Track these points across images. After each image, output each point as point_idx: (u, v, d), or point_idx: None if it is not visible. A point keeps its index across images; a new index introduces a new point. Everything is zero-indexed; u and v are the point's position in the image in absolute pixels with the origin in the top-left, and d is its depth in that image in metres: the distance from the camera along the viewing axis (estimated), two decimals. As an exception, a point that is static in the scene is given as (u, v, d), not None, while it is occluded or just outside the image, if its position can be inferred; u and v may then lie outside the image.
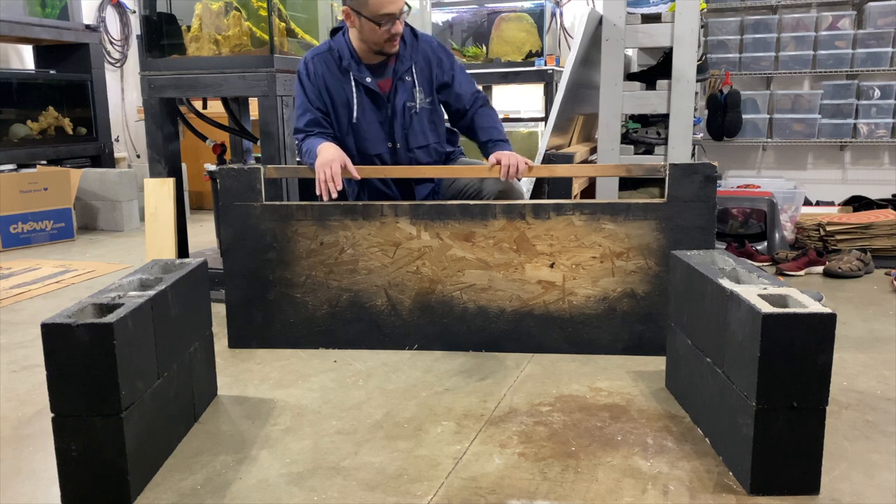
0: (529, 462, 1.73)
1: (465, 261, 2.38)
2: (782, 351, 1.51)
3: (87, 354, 1.49)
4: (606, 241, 2.33)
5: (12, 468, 1.74)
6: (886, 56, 4.77)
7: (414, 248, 2.39)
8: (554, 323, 2.38)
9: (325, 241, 2.41)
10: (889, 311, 2.95)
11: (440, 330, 2.41)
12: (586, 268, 2.35)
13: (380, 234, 2.39)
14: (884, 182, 5.01)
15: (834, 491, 1.59)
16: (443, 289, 2.40)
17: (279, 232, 2.41)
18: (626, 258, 2.33)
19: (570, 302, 2.36)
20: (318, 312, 2.43)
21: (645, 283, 2.34)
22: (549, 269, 2.36)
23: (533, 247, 2.35)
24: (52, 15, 5.62)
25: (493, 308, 2.39)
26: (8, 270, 3.85)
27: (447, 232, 2.37)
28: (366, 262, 2.40)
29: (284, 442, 1.85)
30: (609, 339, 2.37)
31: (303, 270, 2.42)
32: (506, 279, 2.38)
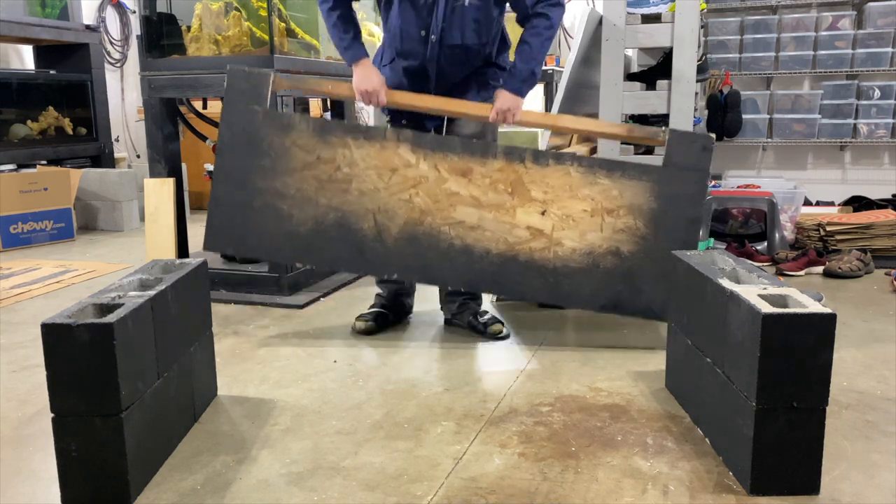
0: (529, 462, 1.73)
1: (458, 196, 2.34)
2: (782, 351, 1.51)
3: (87, 354, 1.49)
4: (599, 196, 2.33)
5: (12, 468, 1.75)
6: (886, 56, 4.77)
7: (410, 176, 2.34)
8: (537, 271, 2.36)
9: (322, 155, 2.35)
10: (889, 311, 2.95)
11: (423, 263, 2.37)
12: (576, 220, 2.34)
13: (378, 157, 2.33)
14: (884, 182, 5.01)
15: (834, 491, 1.59)
16: (432, 221, 2.35)
17: (277, 140, 2.34)
18: (616, 216, 2.33)
19: (555, 252, 2.35)
20: (302, 228, 2.36)
21: (631, 243, 2.33)
22: (539, 217, 2.34)
23: (528, 192, 2.34)
24: (52, 15, 5.62)
25: (479, 248, 2.35)
26: (8, 270, 3.85)
27: (446, 165, 2.33)
28: (359, 183, 2.34)
29: (284, 442, 1.85)
30: (588, 294, 2.37)
31: (294, 183, 2.35)
32: (496, 221, 2.35)
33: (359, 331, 2.66)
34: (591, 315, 2.92)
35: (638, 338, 2.64)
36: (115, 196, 5.11)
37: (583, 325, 2.81)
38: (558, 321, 2.85)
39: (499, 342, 2.60)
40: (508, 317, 2.92)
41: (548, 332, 2.72)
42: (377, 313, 2.72)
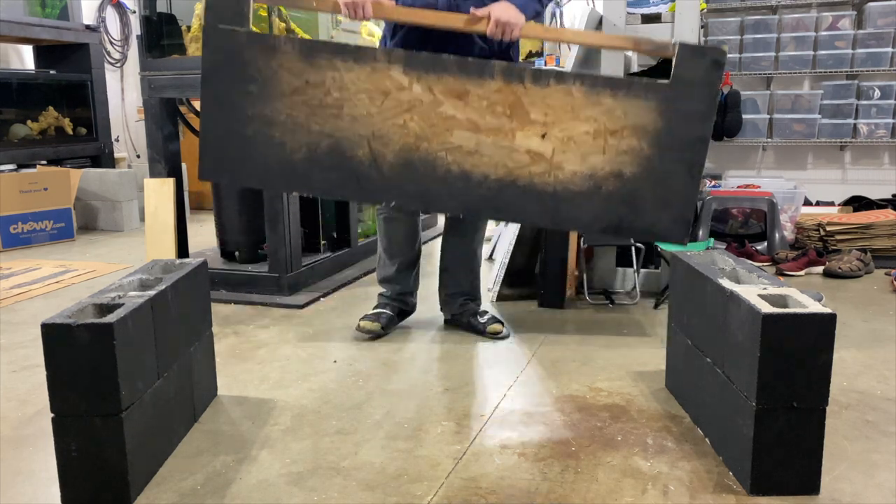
0: (529, 462, 1.73)
1: (454, 120, 2.24)
2: (782, 351, 1.51)
3: (87, 354, 1.49)
4: (603, 116, 2.22)
5: (12, 468, 1.75)
6: (886, 56, 4.77)
7: (403, 99, 2.23)
8: (536, 196, 2.27)
9: (310, 79, 2.23)
10: (889, 311, 2.95)
11: (421, 190, 2.28)
12: (578, 142, 2.23)
13: (369, 81, 2.23)
14: (884, 182, 5.00)
15: (834, 491, 1.59)
16: (428, 147, 2.25)
17: (263, 64, 2.23)
18: (620, 137, 2.22)
19: (556, 176, 2.26)
20: (296, 155, 2.27)
21: (634, 166, 2.23)
22: (539, 140, 2.24)
23: (527, 114, 2.23)
24: (52, 15, 5.62)
25: (477, 173, 2.26)
26: (8, 270, 3.85)
27: (440, 87, 2.21)
28: (351, 108, 2.24)
29: (284, 442, 1.85)
30: (589, 218, 2.28)
31: (283, 109, 2.25)
32: (494, 145, 2.26)
33: (364, 331, 2.63)
34: (591, 315, 2.93)
35: (638, 338, 2.64)
36: (115, 196, 5.11)
37: (583, 325, 2.81)
38: (558, 321, 2.85)
39: (499, 342, 2.60)
40: (508, 317, 2.92)
41: (548, 332, 2.72)
42: (382, 314, 2.69)
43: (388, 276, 2.75)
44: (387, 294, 2.76)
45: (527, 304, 3.08)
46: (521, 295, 3.23)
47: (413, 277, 2.78)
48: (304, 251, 3.44)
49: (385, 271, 2.76)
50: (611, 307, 3.04)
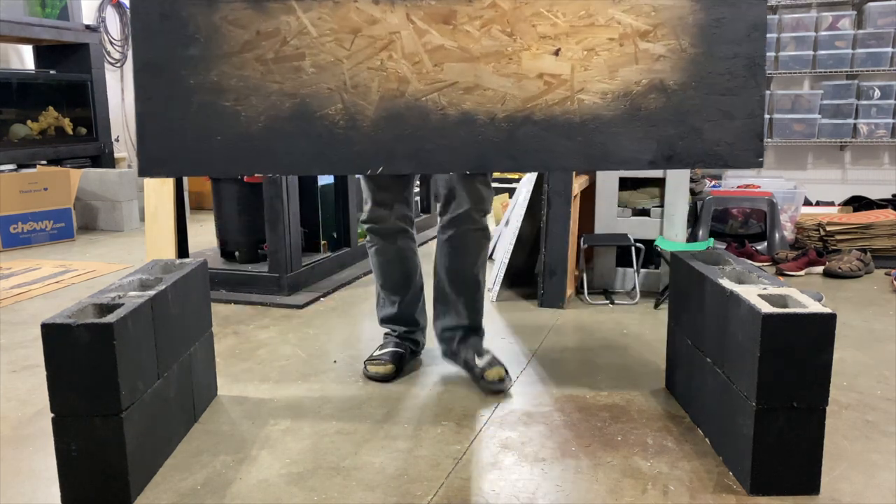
0: (529, 462, 1.73)
1: (443, 51, 1.87)
2: (782, 351, 1.51)
3: (87, 354, 1.49)
4: (627, 16, 1.85)
5: (12, 468, 1.75)
6: (886, 56, 4.77)
7: (378, 35, 1.88)
8: (560, 130, 1.87)
9: (262, 29, 1.90)
10: (889, 311, 2.95)
11: (413, 146, 1.89)
12: (601, 54, 1.86)
13: (333, 19, 1.89)
14: (884, 182, 5.01)
15: (834, 491, 1.59)
16: (415, 90, 1.88)
17: (203, 20, 1.90)
18: (654, 38, 1.84)
19: (580, 101, 1.87)
20: (254, 126, 1.91)
21: (678, 72, 1.84)
22: (553, 59, 1.87)
23: (532, 28, 1.87)
24: (52, 15, 5.62)
25: (482, 114, 1.88)
26: (8, 270, 3.85)
27: (421, 12, 1.87)
28: (315, 56, 1.90)
29: (284, 442, 1.85)
30: (633, 149, 1.87)
31: (233, 71, 1.91)
32: (497, 74, 1.88)
33: (375, 378, 2.24)
34: (590, 315, 2.93)
35: (638, 338, 2.64)
36: (115, 196, 5.11)
37: (583, 325, 2.81)
38: (558, 321, 2.85)
39: (499, 343, 2.60)
40: (508, 317, 2.92)
41: (548, 332, 2.72)
42: (392, 353, 2.29)
43: (389, 315, 2.37)
44: (392, 333, 2.39)
45: (527, 304, 3.08)
46: (521, 295, 3.23)
47: (418, 313, 2.39)
48: (304, 251, 3.45)
49: (386, 311, 2.37)
50: (611, 307, 3.04)
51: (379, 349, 2.32)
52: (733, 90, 1.81)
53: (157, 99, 1.91)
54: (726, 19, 1.83)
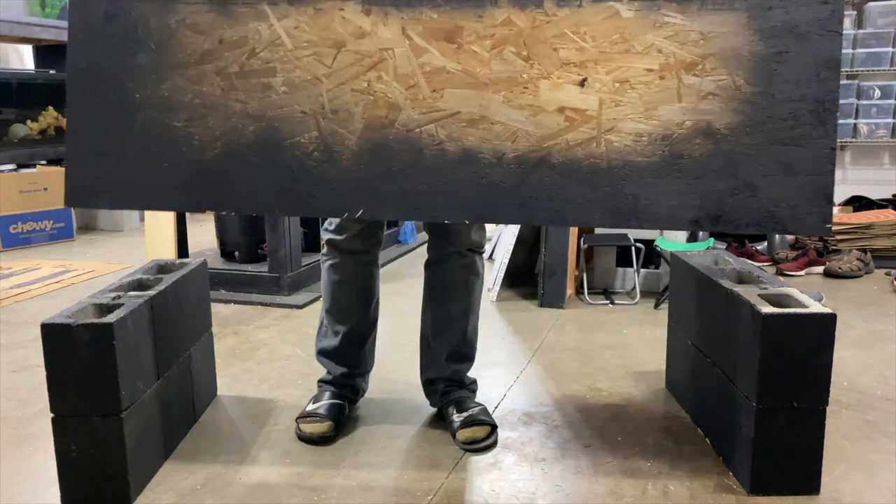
0: (529, 462, 1.73)
1: (445, 74, 1.55)
2: (782, 351, 1.51)
3: (87, 354, 1.49)
4: (670, 43, 1.51)
5: (12, 468, 1.74)
6: (886, 56, 4.77)
7: (366, 51, 1.56)
8: (582, 177, 1.54)
9: (226, 37, 1.58)
10: (889, 311, 2.95)
11: (401, 187, 1.56)
12: (637, 87, 1.53)
13: (313, 29, 1.57)
14: (884, 182, 5.00)
15: (834, 491, 1.59)
16: (408, 119, 1.56)
17: (156, 22, 1.59)
18: (702, 71, 1.52)
19: (609, 143, 1.53)
20: (209, 153, 1.59)
21: (730, 114, 1.51)
22: (577, 90, 1.54)
23: (553, 51, 1.54)
24: (52, 15, 5.62)
25: (487, 152, 1.56)
26: (8, 270, 3.85)
27: (419, 27, 1.54)
28: (288, 72, 1.58)
29: (284, 442, 1.85)
30: (671, 205, 1.53)
31: (189, 84, 1.59)
32: (508, 105, 1.55)
33: (308, 437, 1.85)
34: (590, 315, 2.93)
35: (638, 338, 2.64)
36: (115, 196, 5.10)
37: (583, 325, 2.81)
38: (558, 321, 2.85)
39: (499, 343, 2.60)
40: (508, 317, 2.92)
41: (548, 332, 2.72)
42: (327, 406, 1.90)
43: (329, 348, 1.97)
44: (327, 378, 1.99)
45: (527, 304, 3.08)
46: (521, 295, 3.23)
47: (365, 352, 2.00)
48: (304, 251, 3.44)
49: (326, 342, 1.98)
50: (611, 307, 3.04)
51: (313, 402, 1.93)
52: (797, 140, 1.49)
53: (92, 113, 1.63)
54: (791, 53, 1.50)
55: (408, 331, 2.24)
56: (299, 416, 1.90)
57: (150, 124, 1.61)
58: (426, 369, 2.00)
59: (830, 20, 1.48)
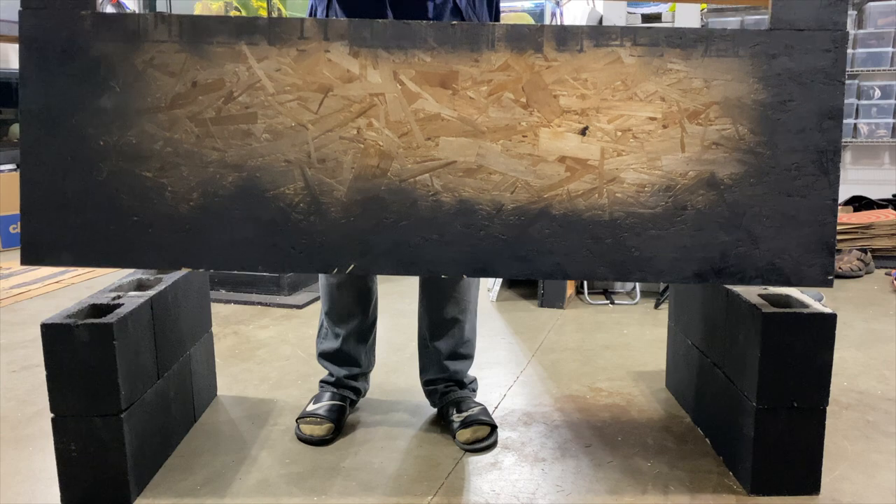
0: (529, 462, 1.73)
1: (439, 121, 1.49)
2: (782, 351, 1.50)
3: (87, 354, 1.48)
4: (673, 91, 1.49)
5: (12, 468, 1.74)
6: (886, 56, 4.77)
7: (355, 96, 1.48)
8: (584, 229, 1.51)
9: (200, 79, 1.47)
10: (889, 311, 2.95)
11: (395, 240, 1.50)
12: (640, 136, 1.50)
13: (297, 72, 1.47)
14: (884, 182, 5.00)
15: (834, 491, 1.59)
16: (401, 169, 1.49)
17: (122, 62, 1.45)
18: (706, 121, 1.50)
19: (611, 194, 1.51)
20: (183, 206, 1.49)
21: (734, 164, 1.49)
22: (578, 138, 1.51)
23: (553, 98, 1.49)
24: (52, 15, 5.61)
25: (485, 204, 1.50)
26: (8, 270, 3.85)
27: (412, 71, 1.48)
28: (270, 118, 1.47)
29: (284, 442, 1.85)
30: (674, 257, 1.51)
31: (159, 131, 1.47)
32: (507, 154, 1.50)
33: (308, 439, 1.85)
34: (590, 315, 2.93)
35: (638, 338, 2.64)
36: (115, 196, 5.10)
37: (583, 325, 2.81)
38: (558, 321, 2.85)
39: (499, 343, 2.60)
40: (508, 317, 2.92)
41: (548, 332, 2.72)
42: (327, 407, 1.91)
43: (329, 351, 1.99)
44: (329, 379, 1.99)
45: (527, 304, 3.08)
46: (520, 295, 3.23)
47: (365, 353, 2.00)
48: (304, 251, 3.44)
49: (326, 344, 1.99)
50: (611, 307, 3.04)
51: (313, 402, 1.93)
52: (801, 190, 1.48)
53: (50, 163, 1.46)
54: (795, 102, 1.48)
55: (407, 331, 2.24)
56: (299, 417, 1.90)
57: (117, 174, 1.48)
58: (426, 370, 2.00)
59: (834, 69, 1.48)
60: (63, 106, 1.46)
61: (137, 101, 1.47)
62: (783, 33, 1.48)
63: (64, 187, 1.47)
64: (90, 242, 1.49)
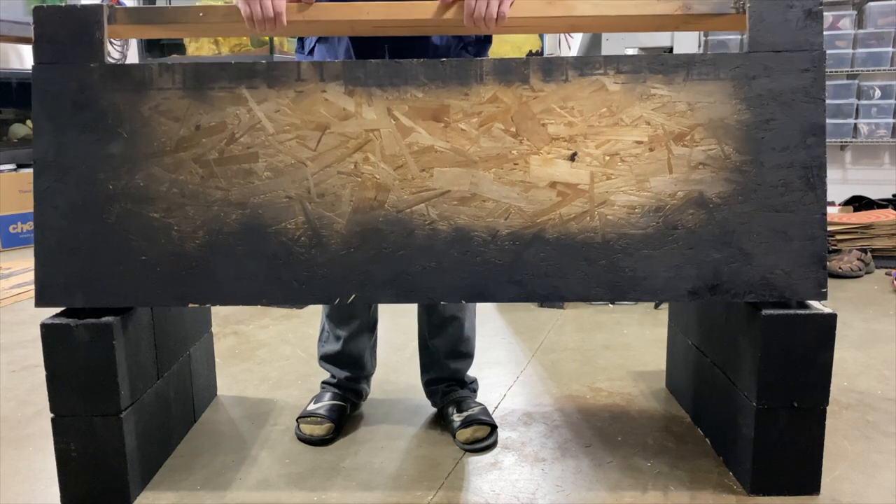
0: (529, 462, 1.73)
1: (433, 153, 1.55)
2: (782, 351, 1.51)
3: (87, 354, 1.49)
4: (658, 115, 1.54)
5: (12, 468, 1.74)
6: (887, 56, 4.77)
7: (351, 133, 1.55)
8: (578, 251, 1.55)
9: (203, 123, 1.55)
10: (889, 311, 2.95)
11: (394, 269, 1.55)
12: (627, 160, 1.55)
13: (295, 112, 1.55)
14: (884, 182, 5.00)
15: (834, 491, 1.59)
16: (398, 200, 1.55)
17: (129, 110, 1.54)
18: (691, 142, 1.54)
19: (602, 217, 1.55)
20: (189, 244, 1.55)
21: (721, 183, 1.54)
22: (568, 164, 1.56)
23: (542, 127, 1.55)
24: (52, 15, 5.62)
25: (480, 231, 1.55)
26: (8, 270, 3.85)
27: (405, 106, 1.54)
28: (271, 157, 1.54)
29: (284, 442, 1.85)
30: (668, 276, 1.55)
31: (165, 173, 1.55)
32: (499, 182, 1.55)
33: (308, 438, 1.85)
34: (590, 315, 2.92)
35: (638, 338, 2.64)
36: (115, 196, 5.11)
37: (583, 325, 2.81)
38: (558, 321, 2.85)
39: (499, 343, 2.60)
40: (508, 317, 2.92)
41: (548, 332, 2.72)
42: (328, 407, 1.91)
43: (331, 353, 1.99)
44: (331, 381, 2.00)
45: (527, 305, 3.08)
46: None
47: (366, 355, 2.01)
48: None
49: (328, 347, 2.00)
50: (611, 307, 3.04)
51: (314, 402, 1.94)
52: (789, 206, 1.52)
53: (62, 208, 1.54)
54: (777, 121, 1.54)
55: (407, 331, 2.24)
56: (300, 416, 1.90)
57: (126, 216, 1.55)
58: (427, 370, 2.00)
59: (814, 87, 1.53)
60: (74, 154, 1.54)
61: (144, 146, 1.55)
62: (762, 55, 1.54)
63: (76, 231, 1.55)
64: (102, 284, 1.56)
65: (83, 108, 1.55)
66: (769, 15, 1.55)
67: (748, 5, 1.56)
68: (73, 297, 1.55)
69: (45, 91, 1.54)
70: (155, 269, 1.56)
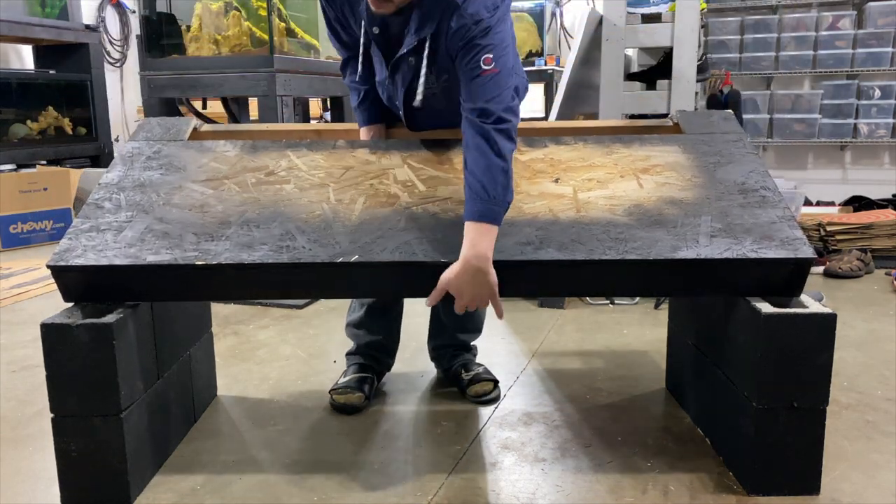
0: (529, 462, 1.73)
1: (438, 178, 1.84)
2: (782, 351, 1.51)
3: (87, 354, 1.49)
4: (624, 161, 1.89)
5: (12, 468, 1.74)
6: (886, 56, 4.77)
7: (371, 170, 1.85)
8: (568, 230, 1.69)
9: (248, 165, 1.87)
10: (889, 311, 2.95)
11: (399, 239, 1.67)
12: (602, 181, 1.83)
13: (327, 161, 1.88)
14: (884, 182, 5.00)
15: (834, 491, 1.59)
16: (406, 202, 1.76)
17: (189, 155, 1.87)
18: (654, 173, 1.85)
19: (588, 211, 1.75)
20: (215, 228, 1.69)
21: (688, 191, 1.79)
22: (553, 185, 1.83)
23: (528, 167, 1.88)
24: (52, 15, 5.62)
25: None
26: (8, 270, 3.85)
27: (416, 157, 1.90)
28: (301, 180, 1.82)
29: (284, 442, 1.85)
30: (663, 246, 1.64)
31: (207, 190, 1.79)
32: None
33: (340, 407, 2.01)
34: (590, 315, 2.92)
35: (638, 338, 2.64)
36: (115, 196, 5.10)
37: (583, 325, 2.81)
38: (558, 321, 2.85)
39: (499, 343, 2.60)
40: (508, 317, 2.91)
41: (548, 332, 2.72)
42: (357, 379, 2.07)
43: (355, 320, 2.13)
44: (353, 350, 2.15)
45: (527, 305, 3.08)
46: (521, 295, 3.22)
47: (390, 327, 2.16)
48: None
49: (355, 315, 2.14)
50: (611, 307, 3.04)
51: (343, 376, 2.10)
52: (753, 203, 1.75)
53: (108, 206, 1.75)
54: (722, 162, 1.89)
55: (407, 330, 2.25)
56: (332, 389, 2.07)
57: (164, 208, 1.75)
58: (434, 337, 2.24)
59: (745, 147, 1.94)
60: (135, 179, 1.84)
61: (195, 176, 1.83)
62: (696, 136, 2.00)
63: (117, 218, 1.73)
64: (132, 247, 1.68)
65: (156, 155, 1.90)
66: (694, 120, 2.07)
67: (678, 119, 2.07)
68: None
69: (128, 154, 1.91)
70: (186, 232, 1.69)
